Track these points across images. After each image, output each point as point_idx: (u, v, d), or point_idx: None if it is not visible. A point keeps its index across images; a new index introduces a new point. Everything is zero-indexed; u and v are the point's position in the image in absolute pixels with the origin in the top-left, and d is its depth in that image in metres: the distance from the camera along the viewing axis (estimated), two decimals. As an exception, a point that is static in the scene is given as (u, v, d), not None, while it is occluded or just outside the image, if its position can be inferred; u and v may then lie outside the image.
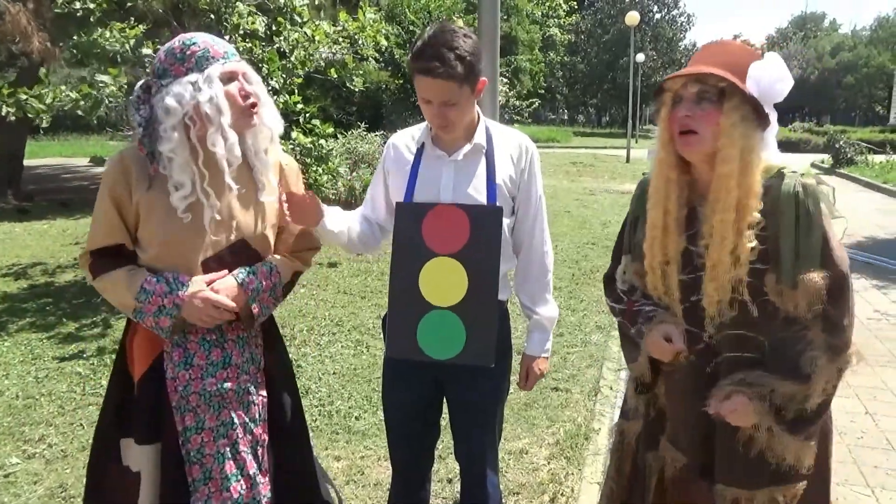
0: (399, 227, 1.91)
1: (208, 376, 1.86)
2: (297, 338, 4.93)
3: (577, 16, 47.75)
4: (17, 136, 12.14)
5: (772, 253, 1.51)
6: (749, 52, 1.56)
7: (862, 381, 4.29)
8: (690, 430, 1.67)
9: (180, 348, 1.86)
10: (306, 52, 6.29)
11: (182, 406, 1.84)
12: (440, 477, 3.05)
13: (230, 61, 1.76)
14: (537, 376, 2.11)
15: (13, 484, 3.05)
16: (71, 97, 5.34)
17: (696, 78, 1.53)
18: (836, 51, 50.23)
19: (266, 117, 1.85)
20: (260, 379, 1.95)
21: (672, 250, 1.62)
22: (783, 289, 1.50)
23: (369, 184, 2.18)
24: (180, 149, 1.71)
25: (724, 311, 1.55)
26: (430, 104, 1.81)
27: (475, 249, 1.84)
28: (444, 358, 1.87)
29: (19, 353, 4.64)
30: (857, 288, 6.60)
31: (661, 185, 1.62)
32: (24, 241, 8.58)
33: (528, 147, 2.01)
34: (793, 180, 1.52)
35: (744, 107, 1.51)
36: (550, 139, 30.61)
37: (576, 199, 12.43)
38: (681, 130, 1.54)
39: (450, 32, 1.78)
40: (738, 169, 1.50)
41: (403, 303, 1.89)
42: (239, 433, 1.88)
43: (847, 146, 19.33)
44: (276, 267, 1.94)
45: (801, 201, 1.49)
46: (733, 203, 1.51)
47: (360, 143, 10.35)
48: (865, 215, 11.10)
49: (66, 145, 25.11)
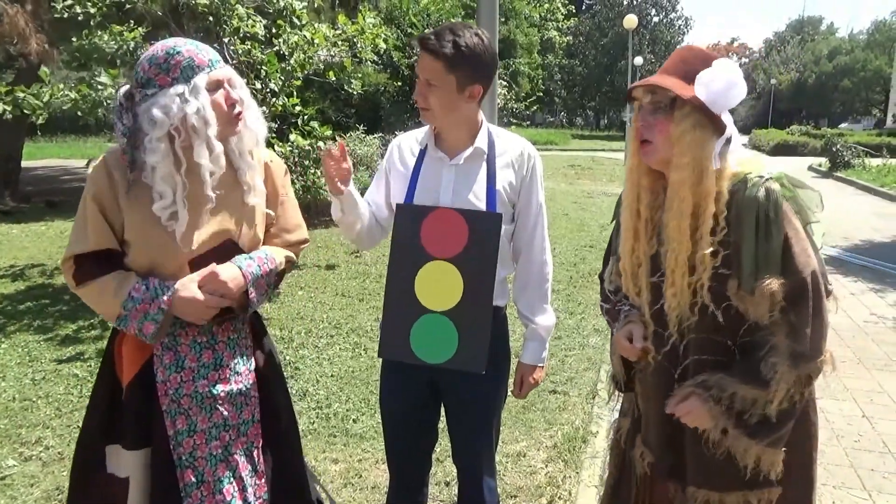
0: (398, 228, 1.91)
1: (200, 378, 1.85)
2: (294, 340, 4.93)
3: (576, 19, 47.86)
4: (14, 137, 12.12)
5: (734, 258, 1.53)
6: (705, 59, 1.56)
7: (859, 385, 4.30)
8: (659, 429, 1.70)
9: (171, 351, 1.85)
10: (305, 55, 6.30)
11: (173, 410, 1.83)
12: (437, 480, 3.06)
13: (215, 69, 1.75)
14: (531, 385, 2.10)
15: (10, 486, 3.05)
16: (70, 97, 5.33)
17: (648, 88, 1.56)
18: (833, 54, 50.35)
19: (250, 120, 1.84)
20: (252, 379, 1.95)
21: (642, 254, 1.65)
22: (744, 295, 1.52)
23: (369, 186, 2.18)
24: (165, 160, 1.70)
25: (684, 315, 1.57)
26: (418, 81, 1.85)
27: (472, 255, 1.84)
28: (434, 362, 1.87)
29: (16, 355, 4.63)
30: (854, 291, 6.62)
31: (632, 191, 1.66)
32: (21, 242, 8.57)
33: (531, 154, 2.00)
34: (756, 186, 1.52)
35: (695, 114, 1.52)
36: (549, 142, 30.70)
37: (574, 201, 12.45)
38: (639, 139, 1.60)
39: (464, 25, 1.83)
40: (691, 176, 1.52)
41: (398, 304, 1.90)
42: (232, 435, 1.88)
43: (844, 149, 19.39)
44: (270, 253, 1.93)
45: (761, 206, 1.50)
46: (688, 209, 1.53)
47: (359, 146, 10.34)
48: (862, 219, 11.13)
49: (64, 147, 25.09)
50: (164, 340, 1.85)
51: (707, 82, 1.50)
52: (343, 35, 6.48)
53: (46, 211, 10.96)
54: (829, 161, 19.75)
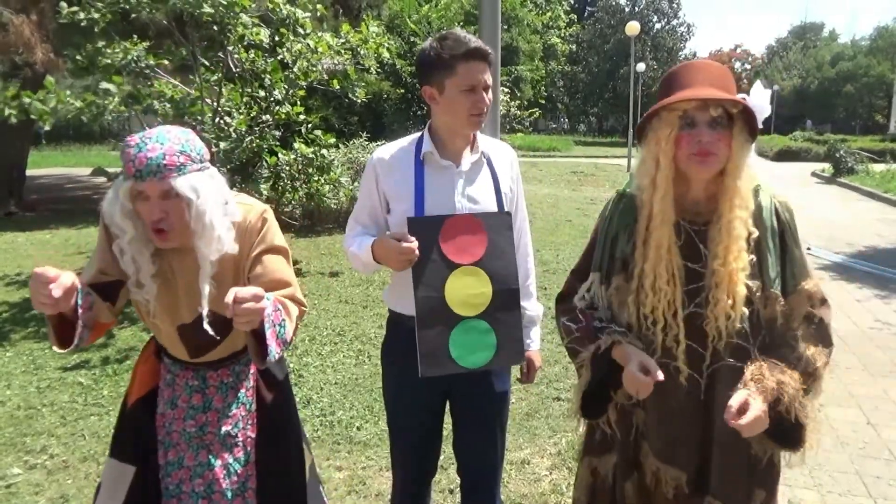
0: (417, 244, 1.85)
1: (188, 418, 1.92)
2: (298, 347, 4.94)
3: (578, 26, 47.98)
4: (19, 145, 12.19)
5: (756, 263, 1.60)
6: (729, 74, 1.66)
7: (864, 392, 4.29)
8: (691, 446, 1.65)
9: (170, 388, 1.94)
10: (309, 63, 6.33)
11: (166, 441, 1.92)
12: (441, 487, 3.05)
13: (145, 180, 1.63)
14: (537, 368, 2.23)
15: (15, 495, 3.05)
16: (75, 105, 5.37)
17: (717, 102, 1.56)
18: (835, 60, 50.30)
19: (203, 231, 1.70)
20: (250, 420, 1.96)
21: (675, 267, 1.62)
22: (769, 297, 1.59)
23: (355, 206, 2.08)
24: (124, 235, 1.72)
25: (732, 324, 1.57)
26: (472, 92, 1.86)
27: (494, 256, 1.89)
28: (478, 366, 1.89)
29: (21, 363, 4.64)
30: (859, 297, 6.60)
31: (666, 204, 1.61)
32: (26, 250, 8.60)
33: (514, 156, 2.14)
34: (768, 196, 1.66)
35: (746, 128, 1.61)
36: (551, 148, 30.64)
37: (577, 207, 12.45)
38: (701, 152, 1.57)
39: (461, 30, 1.92)
40: (742, 185, 1.60)
41: (431, 319, 1.85)
42: (218, 474, 1.91)
43: (847, 155, 19.36)
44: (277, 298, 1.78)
45: (781, 214, 1.64)
46: (745, 218, 1.59)
47: (362, 153, 10.37)
48: (866, 224, 11.11)
49: (69, 155, 25.21)
50: (166, 377, 1.95)
51: (757, 103, 1.60)
52: (347, 44, 6.51)
53: (52, 218, 11.00)
54: (832, 167, 19.72)
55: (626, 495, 1.75)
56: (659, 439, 1.68)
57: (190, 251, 1.74)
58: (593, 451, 1.82)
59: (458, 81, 1.85)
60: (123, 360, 4.67)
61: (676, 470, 1.67)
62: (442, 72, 1.86)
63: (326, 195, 7.54)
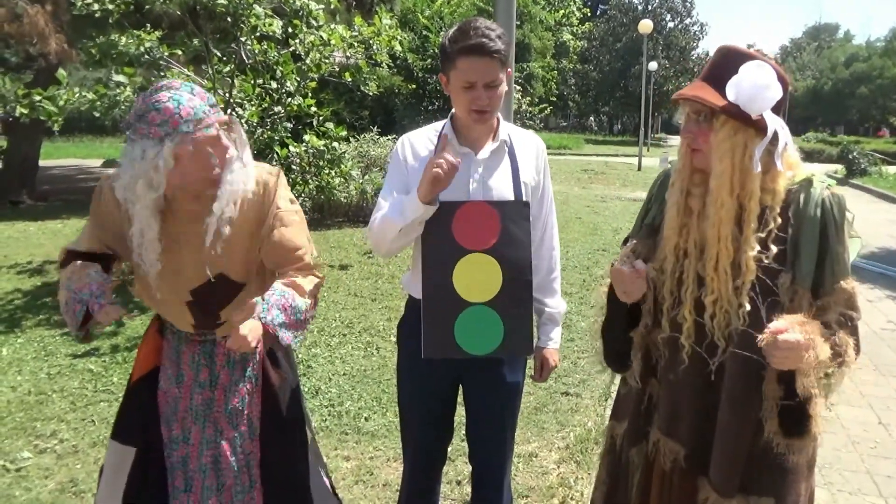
0: (429, 226, 1.88)
1: (195, 393, 1.94)
2: (307, 338, 4.95)
3: (590, 24, 47.79)
4: (31, 137, 12.27)
5: (790, 255, 1.52)
6: (736, 62, 1.54)
7: (875, 391, 4.26)
8: (693, 423, 1.64)
9: (175, 364, 1.95)
10: (321, 56, 6.33)
11: (170, 417, 1.93)
12: (449, 479, 3.05)
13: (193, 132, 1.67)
14: (552, 367, 2.15)
15: (25, 478, 3.07)
16: (87, 98, 5.39)
17: (686, 100, 1.57)
18: (849, 61, 49.94)
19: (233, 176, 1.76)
20: (256, 396, 1.98)
21: (693, 244, 1.62)
22: (798, 290, 1.51)
23: (383, 186, 2.07)
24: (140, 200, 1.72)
25: (730, 319, 1.55)
26: (470, 89, 1.82)
27: (507, 244, 1.87)
28: (483, 353, 1.88)
29: (32, 349, 4.68)
30: (871, 298, 6.56)
31: (681, 189, 1.64)
32: (37, 239, 8.66)
33: (542, 147, 2.07)
34: (819, 188, 1.57)
35: (732, 121, 1.52)
36: (562, 146, 30.56)
37: (587, 205, 12.41)
38: (690, 146, 1.60)
39: (483, 20, 1.83)
40: (730, 182, 1.53)
41: (438, 302, 1.87)
42: (225, 448, 1.92)
43: (860, 157, 19.22)
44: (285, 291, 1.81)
45: (828, 209, 1.54)
46: (729, 215, 1.53)
47: (373, 147, 10.39)
48: (879, 226, 11.02)
49: (81, 147, 25.37)
50: (170, 354, 1.96)
51: (736, 89, 1.51)
52: (359, 37, 6.51)
53: (63, 208, 11.07)
54: (845, 168, 19.58)
55: (632, 462, 1.77)
56: (664, 411, 1.70)
57: (197, 220, 1.78)
58: (616, 416, 1.87)
59: (458, 76, 1.83)
60: (133, 348, 4.69)
61: (675, 443, 1.67)
62: (447, 64, 1.86)
63: (337, 188, 7.56)
